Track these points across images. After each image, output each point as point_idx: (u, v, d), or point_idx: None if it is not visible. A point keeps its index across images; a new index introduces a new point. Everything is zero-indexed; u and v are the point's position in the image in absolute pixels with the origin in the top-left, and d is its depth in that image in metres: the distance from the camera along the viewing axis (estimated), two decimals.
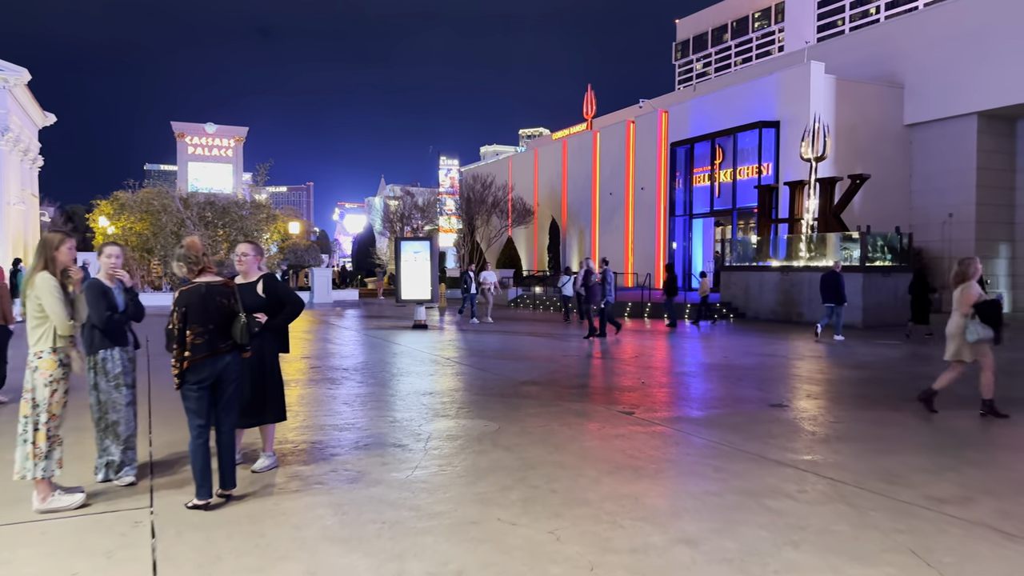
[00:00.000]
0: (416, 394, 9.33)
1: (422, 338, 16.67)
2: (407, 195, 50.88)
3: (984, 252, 26.25)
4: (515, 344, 15.71)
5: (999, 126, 26.21)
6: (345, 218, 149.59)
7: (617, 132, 35.87)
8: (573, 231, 39.09)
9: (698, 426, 7.46)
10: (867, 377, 10.94)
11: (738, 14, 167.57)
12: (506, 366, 12.00)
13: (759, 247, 24.26)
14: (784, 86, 27.26)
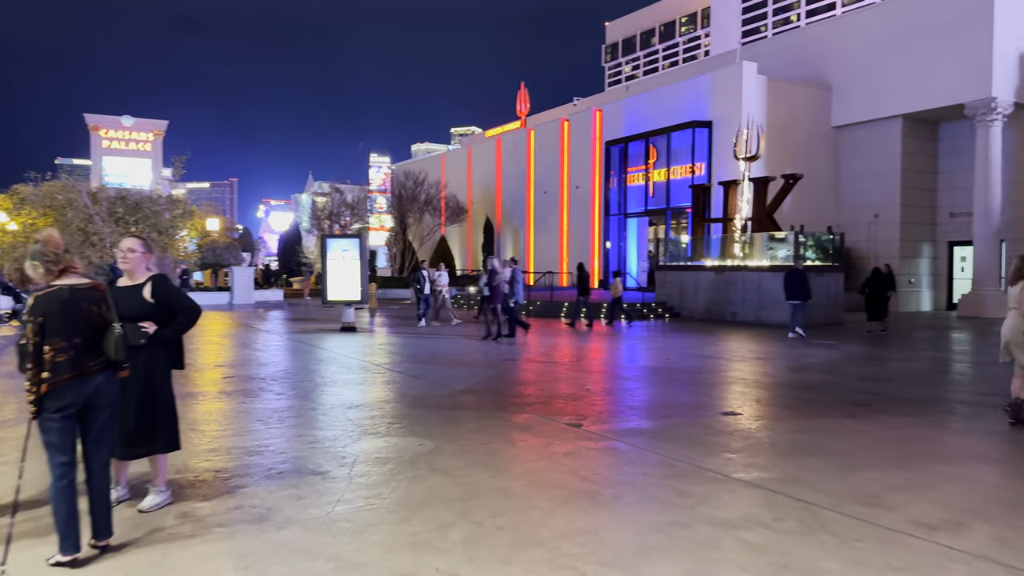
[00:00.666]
0: (341, 407, 8.44)
1: (350, 342, 15.68)
2: (336, 192, 49.28)
3: (908, 252, 26.95)
4: (450, 348, 14.90)
5: (922, 129, 26.91)
6: (271, 215, 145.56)
7: (552, 130, 35.45)
8: (508, 230, 38.49)
9: (652, 439, 6.85)
10: (814, 381, 10.62)
11: (665, 18, 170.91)
12: (441, 373, 11.20)
13: (694, 246, 24.17)
14: (717, 86, 27.31)
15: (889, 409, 8.36)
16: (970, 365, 12.38)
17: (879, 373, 11.40)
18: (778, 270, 20.52)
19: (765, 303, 20.72)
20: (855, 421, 7.71)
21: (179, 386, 9.68)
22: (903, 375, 11.14)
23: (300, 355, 13.50)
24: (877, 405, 8.60)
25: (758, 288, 20.91)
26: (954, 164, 26.85)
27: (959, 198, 26.72)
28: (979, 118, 23.49)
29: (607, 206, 31.53)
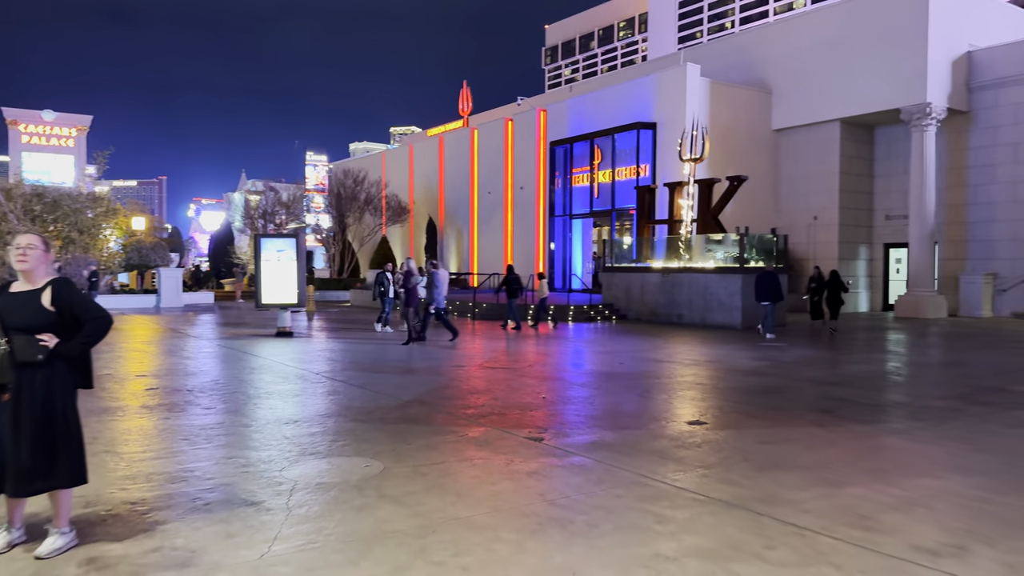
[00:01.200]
0: (277, 423, 7.71)
1: (287, 348, 14.81)
2: (270, 190, 47.65)
3: (845, 254, 27.45)
4: (395, 354, 14.21)
5: (859, 133, 27.46)
6: (202, 215, 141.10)
7: (496, 130, 34.94)
8: (451, 231, 37.80)
9: (619, 453, 6.38)
10: (771, 385, 10.38)
11: (604, 22, 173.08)
12: (387, 381, 10.52)
13: (640, 248, 24.02)
14: (661, 88, 27.28)
15: (854, 415, 8.12)
16: (919, 368, 12.39)
17: (833, 376, 11.26)
18: (724, 272, 20.51)
19: (710, 305, 20.67)
20: (824, 430, 7.41)
21: (94, 400, 8.81)
22: (858, 378, 11.02)
23: (231, 363, 12.60)
24: (841, 411, 8.35)
25: (704, 290, 20.85)
26: (889, 167, 27.49)
27: (894, 201, 27.36)
28: (914, 123, 24.05)
29: (552, 207, 31.21)
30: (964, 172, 25.22)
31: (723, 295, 20.38)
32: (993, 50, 24.27)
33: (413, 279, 15.93)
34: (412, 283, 15.89)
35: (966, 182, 25.18)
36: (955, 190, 25.37)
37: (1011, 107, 23.87)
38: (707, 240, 21.97)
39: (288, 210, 42.08)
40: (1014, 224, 23.92)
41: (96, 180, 44.94)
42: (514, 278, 19.60)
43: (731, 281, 20.21)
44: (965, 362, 12.95)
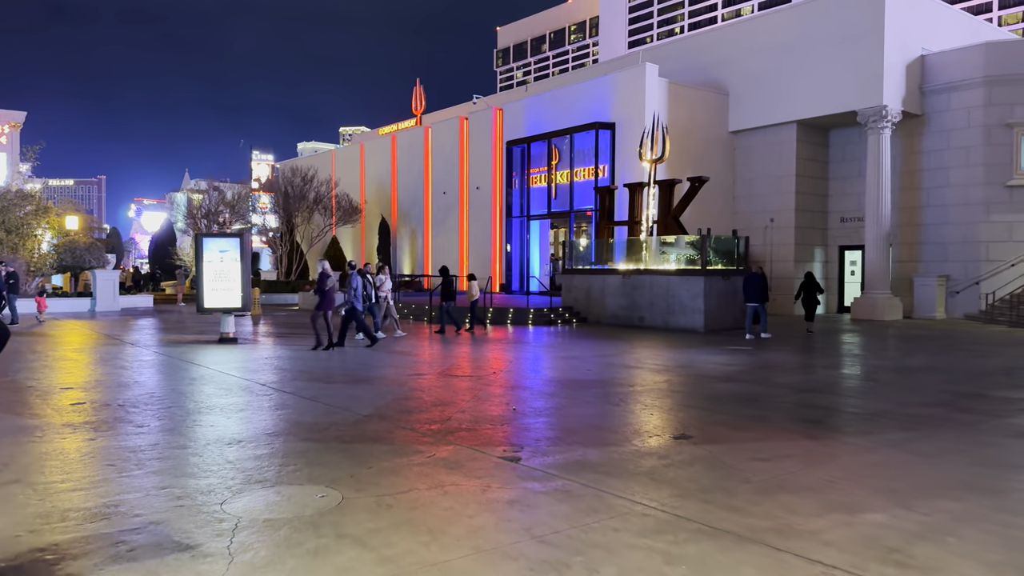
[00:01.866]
0: (219, 443, 6.86)
1: (231, 356, 13.81)
2: (214, 189, 45.89)
3: (801, 256, 27.50)
4: (349, 361, 13.35)
5: (814, 135, 27.56)
6: (143, 215, 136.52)
7: (450, 128, 34.15)
8: (405, 231, 36.84)
9: (607, 475, 5.75)
10: (748, 393, 9.92)
11: (555, 26, 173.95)
12: (340, 393, 9.71)
13: (600, 250, 23.56)
14: (619, 87, 26.92)
15: (844, 426, 7.68)
16: (892, 372, 12.12)
17: (810, 382, 10.87)
18: (686, 274, 20.18)
19: (673, 307, 20.31)
20: (817, 443, 6.92)
21: (11, 418, 7.76)
22: (834, 384, 10.66)
23: (169, 373, 11.59)
24: (830, 422, 7.90)
25: (666, 292, 20.48)
26: (844, 170, 27.66)
27: (849, 203, 27.53)
28: (871, 125, 24.17)
29: (509, 208, 30.56)
30: (917, 175, 25.49)
31: (685, 297, 20.04)
32: (946, 54, 24.58)
33: (328, 281, 14.88)
34: (327, 285, 14.75)
35: (919, 185, 25.44)
36: (908, 193, 25.62)
37: (963, 111, 24.19)
38: (668, 242, 21.61)
39: (233, 210, 40.50)
40: (966, 227, 24.23)
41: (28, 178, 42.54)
42: (448, 281, 18.82)
43: (693, 283, 19.88)
44: (936, 366, 12.75)
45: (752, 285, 17.91)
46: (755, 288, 17.81)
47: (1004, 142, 23.53)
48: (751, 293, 17.84)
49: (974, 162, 24.05)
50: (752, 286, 17.89)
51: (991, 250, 23.82)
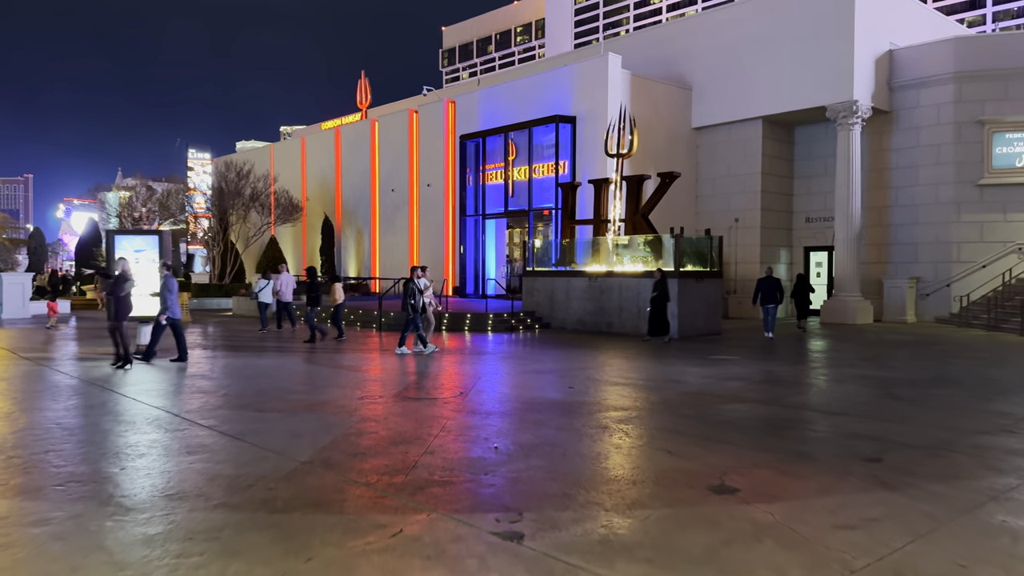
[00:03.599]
0: (98, 515, 4.90)
1: (144, 374, 11.65)
2: (146, 187, 42.73)
3: (767, 258, 26.46)
4: (288, 378, 11.36)
5: (779, 132, 26.56)
6: (72, 215, 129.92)
7: (399, 122, 32.10)
8: (350, 231, 34.56)
9: (653, 565, 4.05)
10: (767, 417, 8.39)
11: (501, 27, 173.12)
12: (275, 426, 7.78)
13: (563, 251, 21.94)
14: (581, 78, 25.40)
15: (916, 467, 6.15)
16: (909, 387, 10.77)
17: (829, 402, 9.41)
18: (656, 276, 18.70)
19: (644, 312, 18.79)
20: (902, 496, 5.36)
21: None
22: (858, 404, 9.22)
23: (60, 399, 9.41)
24: (893, 460, 6.37)
25: (636, 296, 18.99)
26: (810, 169, 26.75)
27: (814, 203, 26.64)
28: (840, 121, 23.22)
29: (463, 206, 28.69)
30: (886, 173, 24.70)
31: None
32: (915, 49, 23.83)
33: (127, 285, 12.46)
34: (124, 291, 12.33)
35: (888, 184, 24.66)
36: (877, 192, 24.81)
37: (933, 107, 23.46)
38: (638, 241, 20.15)
39: (164, 207, 37.59)
40: (936, 227, 23.51)
41: None
42: (315, 283, 16.83)
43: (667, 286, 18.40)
44: (948, 377, 11.50)
45: (768, 288, 18.76)
46: (772, 290, 18.70)
47: (975, 139, 22.87)
48: (767, 295, 18.69)
49: (944, 160, 23.34)
50: (769, 289, 18.74)
51: (962, 251, 23.14)
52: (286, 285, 19.92)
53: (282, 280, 19.92)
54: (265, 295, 19.95)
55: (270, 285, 19.91)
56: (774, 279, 19.09)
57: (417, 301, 14.28)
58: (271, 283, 19.96)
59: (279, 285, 19.84)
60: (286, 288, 19.91)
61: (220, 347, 16.05)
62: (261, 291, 20.00)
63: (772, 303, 18.70)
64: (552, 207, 25.37)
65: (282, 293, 19.81)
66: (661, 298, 17.04)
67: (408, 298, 14.26)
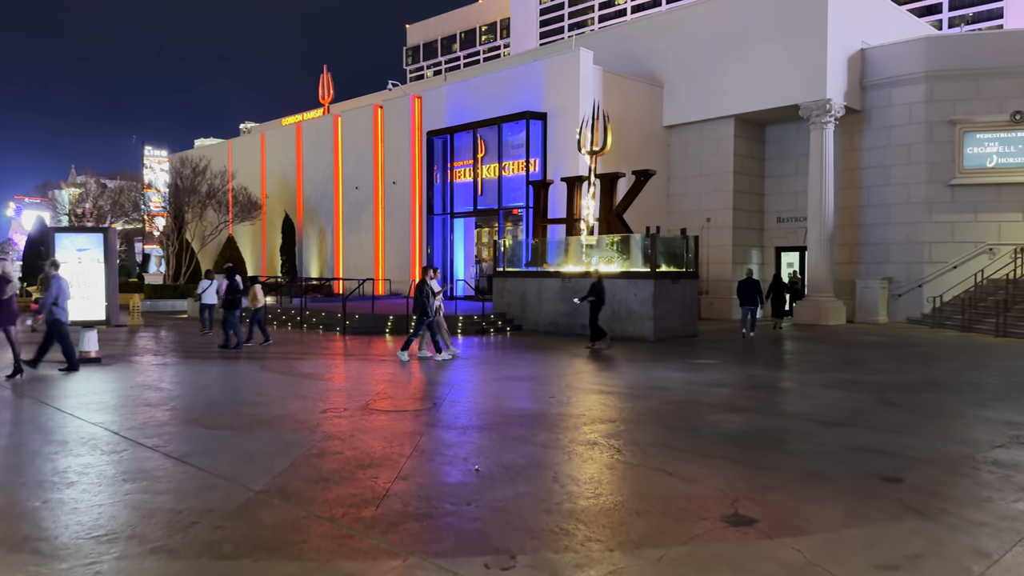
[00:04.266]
0: (9, 562, 4.07)
1: (87, 384, 10.67)
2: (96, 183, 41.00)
3: (739, 258, 26.17)
4: (243, 388, 10.48)
5: (751, 131, 26.27)
6: (23, 214, 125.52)
7: (363, 118, 31.12)
8: (312, 230, 33.45)
9: None
10: (766, 429, 7.83)
11: (466, 26, 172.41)
12: (226, 446, 6.96)
13: (536, 250, 21.29)
14: (552, 74, 24.78)
15: (940, 487, 5.60)
16: (902, 392, 10.33)
17: (825, 410, 8.87)
18: (634, 277, 18.18)
19: (619, 314, 18.27)
20: (936, 524, 4.79)
21: None
22: (856, 412, 8.70)
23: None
24: (915, 479, 5.82)
25: (611, 297, 18.38)
26: (781, 168, 26.51)
27: (786, 203, 26.42)
28: (814, 120, 22.97)
29: (430, 205, 27.84)
30: (857, 173, 24.55)
31: (633, 303, 18.04)
32: (887, 48, 23.70)
33: (8, 288, 11.40)
34: (5, 294, 11.24)
35: (859, 184, 24.50)
36: (849, 192, 24.64)
37: (905, 106, 23.35)
38: (612, 241, 19.58)
39: (116, 205, 36.02)
40: (908, 227, 23.40)
41: None
42: (234, 285, 15.83)
43: (642, 287, 17.91)
44: (938, 382, 11.11)
45: (749, 289, 18.93)
46: (750, 292, 18.86)
47: (946, 139, 22.80)
48: (746, 296, 18.87)
49: (916, 160, 23.24)
50: (749, 290, 18.91)
51: (934, 251, 23.06)
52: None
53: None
54: (208, 296, 19.30)
55: (213, 286, 19.24)
56: (754, 281, 19.25)
57: (431, 303, 13.60)
58: (214, 284, 19.25)
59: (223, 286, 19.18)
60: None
61: (171, 352, 15.04)
62: (204, 292, 19.37)
63: (752, 304, 18.89)
64: (523, 206, 24.71)
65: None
66: (598, 303, 15.81)
67: (422, 300, 13.57)
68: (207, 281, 19.47)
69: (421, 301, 13.60)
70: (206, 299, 19.41)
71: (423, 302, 13.59)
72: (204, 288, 19.43)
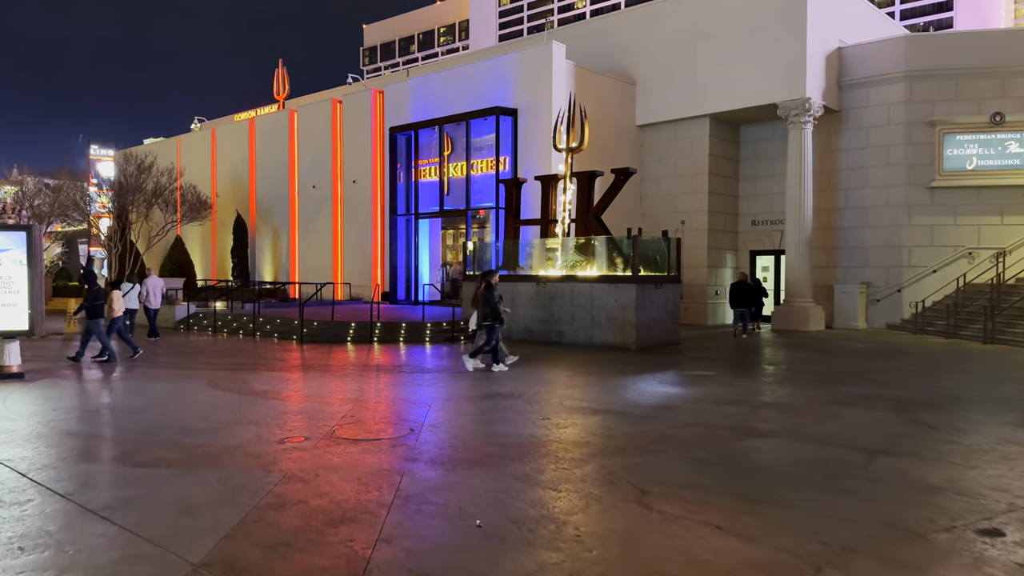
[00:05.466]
0: None
1: (2, 408, 9.10)
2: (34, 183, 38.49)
3: (714, 262, 25.39)
4: (185, 409, 9.03)
5: (725, 131, 25.52)
6: None
7: (321, 113, 29.53)
8: (266, 231, 31.68)
9: None
10: (809, 461, 6.77)
11: (424, 27, 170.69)
12: (161, 492, 5.58)
13: (508, 253, 20.09)
14: (523, 67, 23.63)
15: None
16: (931, 411, 9.41)
17: (856, 435, 7.86)
18: (615, 281, 17.13)
19: (599, 320, 17.20)
20: None
21: None
22: (895, 436, 7.72)
23: None
24: (1015, 532, 4.78)
25: (590, 303, 17.34)
26: (755, 169, 25.80)
27: (761, 205, 25.72)
28: (792, 119, 22.28)
29: (393, 205, 26.40)
30: (835, 175, 23.95)
31: (614, 309, 16.97)
32: (864, 47, 23.16)
33: None
34: None
35: (837, 186, 23.90)
36: (826, 194, 24.01)
37: (883, 107, 22.82)
38: (591, 243, 18.51)
39: (56, 204, 33.67)
40: (887, 230, 22.85)
41: None
42: (94, 291, 14.24)
43: (624, 292, 16.86)
44: (959, 396, 10.25)
45: (741, 291, 19.76)
46: (745, 294, 19.71)
47: (926, 140, 22.32)
48: (741, 299, 19.74)
49: (895, 161, 22.71)
50: (743, 293, 19.74)
51: (913, 255, 22.55)
52: (154, 290, 18.57)
53: (150, 285, 18.51)
54: (130, 300, 18.11)
55: (135, 290, 18.17)
56: (744, 283, 19.98)
57: (500, 310, 12.73)
58: (136, 287, 18.23)
59: (147, 290, 18.43)
60: (154, 294, 18.58)
61: (105, 365, 13.41)
62: (125, 295, 18.01)
63: (743, 307, 19.80)
64: (492, 206, 23.50)
65: (150, 299, 18.43)
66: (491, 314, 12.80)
67: (495, 304, 12.63)
68: (128, 284, 18.38)
69: (494, 306, 12.58)
70: (127, 303, 18.18)
71: (496, 307, 12.60)
72: (125, 292, 18.24)
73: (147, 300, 18.47)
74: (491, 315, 12.66)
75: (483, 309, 12.71)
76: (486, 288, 12.74)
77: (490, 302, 12.65)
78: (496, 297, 12.71)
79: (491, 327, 12.71)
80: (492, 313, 12.63)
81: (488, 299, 12.67)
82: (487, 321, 12.67)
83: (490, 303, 12.65)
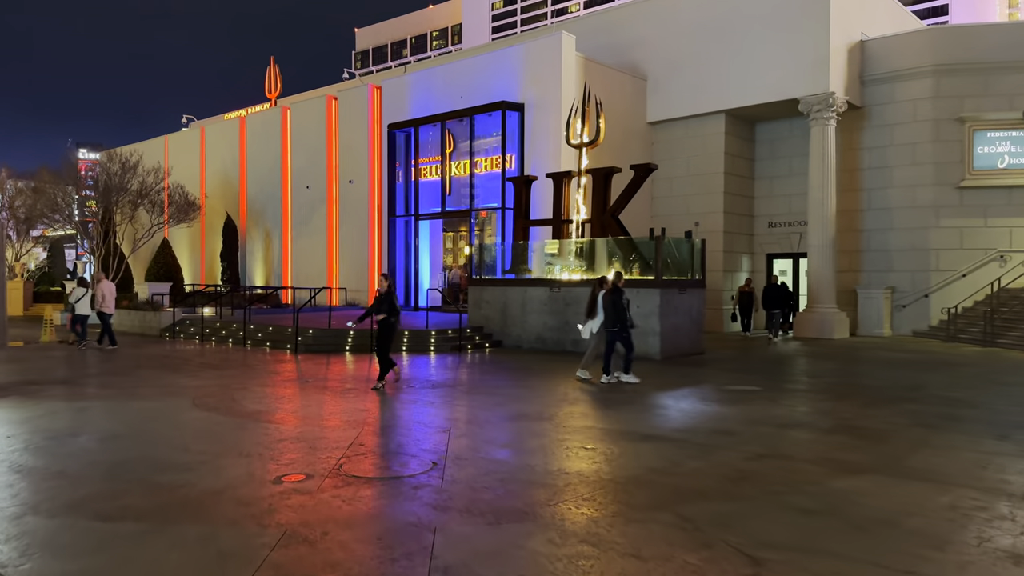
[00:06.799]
0: None
1: None
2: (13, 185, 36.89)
3: (729, 265, 24.18)
4: (162, 438, 7.69)
5: (742, 129, 24.35)
6: None
7: (315, 110, 28.18)
8: (257, 233, 30.26)
9: None
10: (927, 504, 5.50)
11: (417, 31, 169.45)
12: (129, 561, 4.26)
13: (518, 256, 18.80)
14: (530, 60, 22.37)
15: None
16: (1003, 436, 8.18)
17: (975, 469, 6.61)
18: (635, 286, 15.85)
19: None
20: None
21: None
22: (1020, 472, 6.46)
23: None
24: None
25: (610, 309, 16.01)
26: (772, 169, 24.62)
27: (777, 206, 24.54)
28: (815, 115, 21.10)
29: (391, 206, 25.05)
30: (857, 175, 22.79)
31: (635, 316, 15.66)
32: (888, 40, 22.03)
33: None
34: None
35: (860, 186, 22.74)
36: (848, 194, 22.83)
37: (909, 103, 21.68)
38: (608, 245, 17.25)
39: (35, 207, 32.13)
40: (913, 233, 21.69)
41: None
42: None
43: (646, 298, 15.60)
44: None
45: (775, 295, 20.05)
46: (780, 297, 20.04)
47: (954, 138, 21.18)
48: (774, 301, 20.01)
49: (921, 160, 21.57)
50: (775, 296, 20.04)
51: (941, 259, 21.37)
52: (108, 295, 17.62)
53: (103, 289, 17.56)
54: (83, 306, 17.47)
55: (88, 295, 17.37)
56: (776, 286, 20.10)
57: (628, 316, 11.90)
58: (89, 292, 17.42)
59: (100, 295, 17.51)
60: (108, 299, 17.62)
61: (81, 380, 12.04)
62: (78, 301, 17.29)
63: (777, 308, 20.03)
64: (497, 206, 22.21)
65: (103, 304, 17.51)
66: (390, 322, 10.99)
67: (624, 310, 11.78)
68: (81, 289, 17.32)
69: (623, 312, 11.73)
70: (80, 309, 17.49)
71: (624, 313, 11.70)
72: (78, 297, 17.40)
73: (101, 305, 17.49)
74: (619, 321, 11.70)
75: (611, 314, 11.68)
76: (613, 292, 11.78)
77: (618, 307, 11.67)
78: (625, 302, 11.84)
79: (617, 334, 11.74)
80: (620, 319, 11.69)
81: (615, 305, 11.68)
82: (614, 327, 11.68)
83: (618, 309, 11.66)
